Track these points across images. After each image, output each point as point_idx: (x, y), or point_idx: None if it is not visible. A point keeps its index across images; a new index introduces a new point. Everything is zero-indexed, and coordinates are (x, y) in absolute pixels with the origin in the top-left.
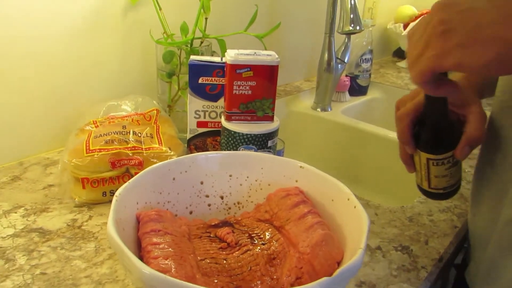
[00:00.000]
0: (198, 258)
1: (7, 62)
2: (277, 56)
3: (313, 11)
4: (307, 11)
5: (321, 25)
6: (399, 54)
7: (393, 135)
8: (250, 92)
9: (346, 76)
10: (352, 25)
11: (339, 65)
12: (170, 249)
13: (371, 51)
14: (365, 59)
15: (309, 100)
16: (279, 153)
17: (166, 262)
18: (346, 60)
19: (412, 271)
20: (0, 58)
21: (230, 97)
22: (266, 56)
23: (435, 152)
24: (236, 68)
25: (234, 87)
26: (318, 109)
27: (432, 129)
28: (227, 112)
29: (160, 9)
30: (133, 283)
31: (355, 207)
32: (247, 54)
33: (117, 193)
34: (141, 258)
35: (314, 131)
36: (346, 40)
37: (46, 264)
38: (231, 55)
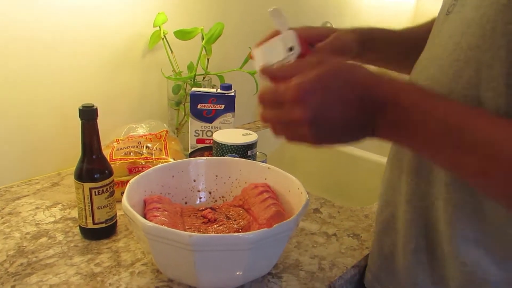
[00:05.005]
0: (186, 227)
1: (51, 91)
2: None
3: None
4: None
5: None
6: None
7: (374, 157)
8: None
9: None
10: None
11: None
12: (165, 219)
13: None
14: None
15: None
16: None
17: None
18: None
19: (357, 250)
20: (45, 87)
21: None
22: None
23: (96, 180)
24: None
25: None
26: None
27: (94, 158)
28: None
29: (172, 52)
30: (137, 238)
31: (301, 193)
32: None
33: (130, 182)
34: None
35: (308, 155)
36: None
37: (78, 240)
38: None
